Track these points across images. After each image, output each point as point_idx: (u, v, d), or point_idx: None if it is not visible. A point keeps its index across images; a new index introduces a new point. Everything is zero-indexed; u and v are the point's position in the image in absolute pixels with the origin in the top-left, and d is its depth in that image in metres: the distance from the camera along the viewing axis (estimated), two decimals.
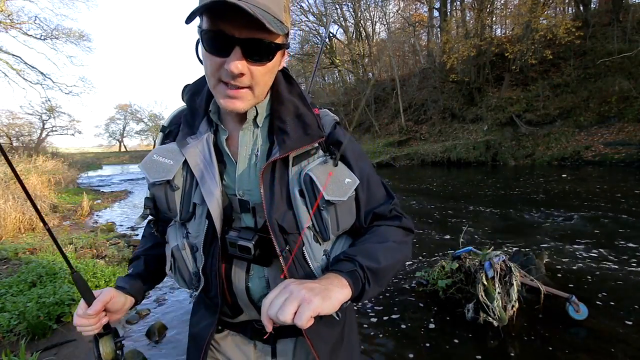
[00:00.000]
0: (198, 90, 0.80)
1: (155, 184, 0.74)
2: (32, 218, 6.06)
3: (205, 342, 0.82)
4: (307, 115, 0.75)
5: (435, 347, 2.51)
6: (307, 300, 0.56)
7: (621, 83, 12.89)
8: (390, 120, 22.46)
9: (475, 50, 15.98)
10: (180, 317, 3.13)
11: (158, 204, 0.77)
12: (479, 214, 6.44)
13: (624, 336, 2.49)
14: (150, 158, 0.75)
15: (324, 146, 0.78)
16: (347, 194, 0.73)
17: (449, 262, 3.18)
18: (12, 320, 2.61)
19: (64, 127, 29.87)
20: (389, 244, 0.75)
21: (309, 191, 0.71)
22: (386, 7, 25.20)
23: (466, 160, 15.22)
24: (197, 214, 0.75)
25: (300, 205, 0.71)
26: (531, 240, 4.76)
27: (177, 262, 0.79)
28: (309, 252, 0.73)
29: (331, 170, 0.74)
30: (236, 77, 0.62)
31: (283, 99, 0.75)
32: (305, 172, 0.72)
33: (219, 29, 0.59)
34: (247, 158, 0.75)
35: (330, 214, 0.73)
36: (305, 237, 0.73)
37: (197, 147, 0.73)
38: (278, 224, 0.70)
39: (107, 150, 59.35)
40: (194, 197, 0.74)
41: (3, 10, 16.84)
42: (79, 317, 0.72)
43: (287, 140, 0.71)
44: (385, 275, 0.72)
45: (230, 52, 0.60)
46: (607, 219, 5.44)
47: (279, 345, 0.84)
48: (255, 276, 0.77)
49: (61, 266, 3.50)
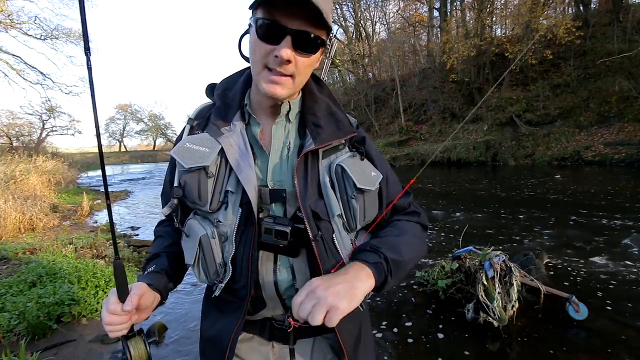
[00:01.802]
0: (230, 86, 0.85)
1: (190, 170, 0.74)
2: (32, 218, 6.07)
3: (229, 340, 0.78)
4: (339, 113, 0.83)
5: (435, 347, 2.51)
6: (334, 306, 0.61)
7: (621, 83, 12.90)
8: (390, 120, 22.47)
9: (475, 50, 15.99)
10: (180, 317, 3.13)
11: (186, 192, 0.76)
12: (479, 214, 6.44)
13: (624, 336, 2.49)
14: (183, 146, 0.76)
15: (349, 143, 0.84)
16: (375, 185, 0.79)
17: (449, 262, 3.19)
18: (12, 320, 2.61)
19: (64, 127, 29.86)
20: (410, 238, 0.80)
21: (339, 181, 0.77)
22: (386, 7, 25.34)
23: (466, 160, 15.23)
24: (230, 202, 0.76)
25: (330, 194, 0.76)
26: (531, 240, 4.76)
27: (205, 251, 0.77)
28: (339, 240, 0.76)
29: (358, 163, 0.80)
30: (283, 63, 0.67)
31: (316, 97, 0.82)
32: (336, 164, 0.77)
33: (274, 18, 0.65)
34: (279, 150, 0.79)
35: (359, 203, 0.77)
36: (335, 225, 0.76)
37: (231, 137, 0.77)
38: (312, 210, 0.74)
39: (107, 150, 59.21)
40: (229, 185, 0.76)
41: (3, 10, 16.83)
42: (112, 314, 0.66)
43: (322, 134, 0.77)
44: (405, 268, 0.76)
45: (281, 40, 0.66)
46: (606, 219, 5.44)
47: (298, 346, 0.83)
48: (282, 267, 0.78)
49: (61, 266, 3.50)
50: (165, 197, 0.88)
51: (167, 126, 58.56)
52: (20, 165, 9.18)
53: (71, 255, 4.08)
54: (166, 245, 0.88)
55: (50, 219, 6.61)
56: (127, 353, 0.69)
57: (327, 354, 0.86)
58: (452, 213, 6.66)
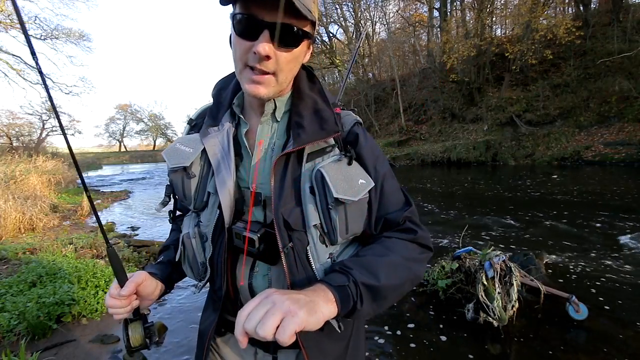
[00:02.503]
0: (225, 86, 0.83)
1: (173, 170, 0.77)
2: (32, 218, 6.07)
3: (207, 337, 0.81)
4: (325, 111, 0.74)
5: (435, 347, 2.51)
6: (291, 312, 0.50)
7: (621, 83, 12.90)
8: (390, 120, 22.46)
9: (475, 50, 15.98)
10: (180, 317, 3.13)
11: (175, 191, 0.80)
12: (479, 214, 6.43)
13: (624, 336, 2.49)
14: (173, 146, 0.78)
15: (340, 145, 0.76)
16: (359, 195, 0.70)
17: (449, 262, 3.18)
18: (12, 320, 2.61)
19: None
20: (395, 259, 0.68)
21: (319, 188, 0.69)
22: (386, 7, 25.27)
23: (466, 160, 15.23)
24: (209, 203, 0.76)
25: (309, 202, 0.69)
26: (531, 240, 4.76)
27: (187, 250, 0.80)
28: (313, 253, 0.70)
29: (344, 168, 0.71)
30: (262, 59, 0.63)
31: (303, 95, 0.76)
32: (317, 169, 0.70)
33: (250, 12, 0.61)
34: (263, 151, 0.75)
35: (339, 214, 0.69)
36: (310, 236, 0.70)
37: (216, 138, 0.75)
38: (284, 219, 0.68)
39: (107, 150, 59.28)
40: (209, 186, 0.75)
41: (3, 10, 16.83)
42: (112, 297, 0.72)
43: (302, 134, 0.70)
44: (386, 296, 0.65)
45: (258, 35, 0.62)
46: (607, 219, 5.44)
47: (281, 355, 0.80)
48: (260, 274, 0.76)
49: (61, 266, 3.50)
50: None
51: (167, 126, 58.62)
52: (21, 165, 9.18)
53: (71, 255, 4.08)
54: (176, 238, 0.91)
55: (50, 219, 6.61)
56: (124, 335, 0.76)
57: None
58: (452, 213, 6.66)
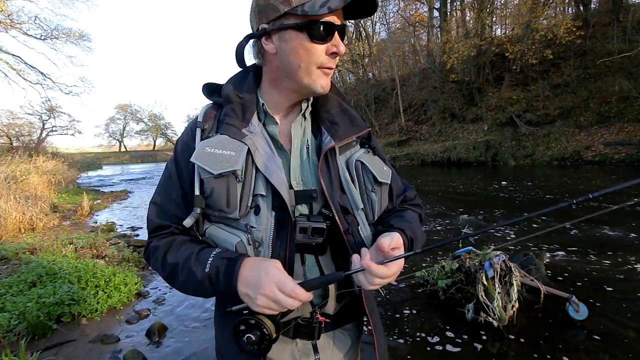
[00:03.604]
0: (240, 87, 0.81)
1: (220, 176, 0.70)
2: (32, 218, 6.07)
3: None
4: (350, 109, 0.84)
5: (435, 347, 2.51)
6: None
7: (621, 83, 12.90)
8: (390, 120, 22.47)
9: (475, 50, 15.99)
10: (181, 318, 3.13)
11: (213, 199, 0.71)
12: (479, 214, 6.44)
13: (624, 336, 2.49)
14: (204, 151, 0.71)
15: (358, 140, 0.85)
16: (389, 178, 0.83)
17: (449, 262, 3.18)
18: (12, 320, 2.61)
19: (64, 127, 29.88)
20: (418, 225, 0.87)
21: (359, 175, 0.79)
22: (386, 7, 25.19)
23: (466, 160, 15.23)
24: (261, 206, 0.73)
25: (353, 189, 0.78)
26: (531, 240, 4.75)
27: None
28: (364, 232, 0.79)
29: (373, 158, 0.83)
30: (339, 57, 0.71)
31: (327, 94, 0.81)
32: (355, 159, 0.79)
33: (327, 20, 0.68)
34: (298, 149, 0.79)
35: (377, 196, 0.81)
36: (359, 218, 0.79)
37: (255, 138, 0.75)
38: (340, 205, 0.76)
39: (107, 150, 59.32)
40: (257, 188, 0.73)
41: (3, 10, 16.83)
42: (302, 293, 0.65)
43: (339, 131, 0.78)
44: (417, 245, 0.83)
45: (332, 37, 0.69)
46: (607, 218, 5.43)
47: (320, 341, 0.83)
48: (311, 266, 0.79)
49: (61, 266, 3.50)
50: (173, 207, 0.79)
51: (167, 126, 58.69)
52: (21, 165, 9.19)
53: (71, 255, 4.08)
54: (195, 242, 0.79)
55: (51, 219, 6.62)
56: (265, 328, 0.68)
57: (347, 344, 0.90)
58: (452, 213, 6.66)
